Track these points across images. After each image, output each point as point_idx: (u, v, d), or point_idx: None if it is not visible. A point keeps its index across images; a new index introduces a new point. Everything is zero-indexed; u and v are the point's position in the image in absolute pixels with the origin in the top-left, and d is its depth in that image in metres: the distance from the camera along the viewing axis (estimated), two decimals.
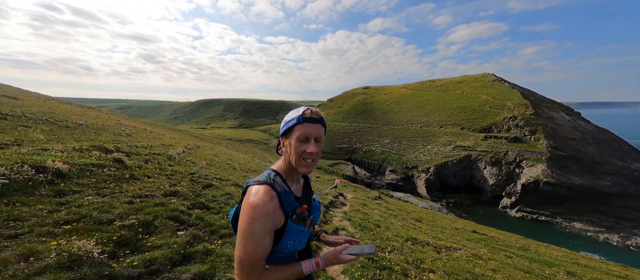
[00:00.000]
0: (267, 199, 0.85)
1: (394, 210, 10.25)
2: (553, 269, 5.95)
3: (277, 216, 0.88)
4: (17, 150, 4.30)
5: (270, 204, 0.86)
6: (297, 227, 0.94)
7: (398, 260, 3.92)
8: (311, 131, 0.91)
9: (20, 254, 1.73)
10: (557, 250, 9.94)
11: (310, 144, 0.91)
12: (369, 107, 64.47)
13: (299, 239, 0.98)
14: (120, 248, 2.14)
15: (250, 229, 0.82)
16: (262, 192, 0.87)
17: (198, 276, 1.99)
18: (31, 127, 7.37)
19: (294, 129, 0.92)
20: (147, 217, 2.83)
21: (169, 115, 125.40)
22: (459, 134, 40.41)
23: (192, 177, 5.43)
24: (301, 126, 0.91)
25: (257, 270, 0.84)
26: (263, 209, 0.83)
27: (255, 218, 0.82)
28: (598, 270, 7.23)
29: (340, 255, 0.97)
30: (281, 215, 0.90)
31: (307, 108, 0.94)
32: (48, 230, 2.15)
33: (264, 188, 0.88)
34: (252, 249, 0.82)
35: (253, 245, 0.82)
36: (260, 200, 0.84)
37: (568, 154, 30.01)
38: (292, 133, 0.92)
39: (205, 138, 32.72)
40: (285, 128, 0.95)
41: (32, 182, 3.06)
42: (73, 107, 20.41)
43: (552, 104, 45.48)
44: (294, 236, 0.94)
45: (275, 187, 0.91)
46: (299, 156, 0.91)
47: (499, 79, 56.05)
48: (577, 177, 27.24)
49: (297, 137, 0.91)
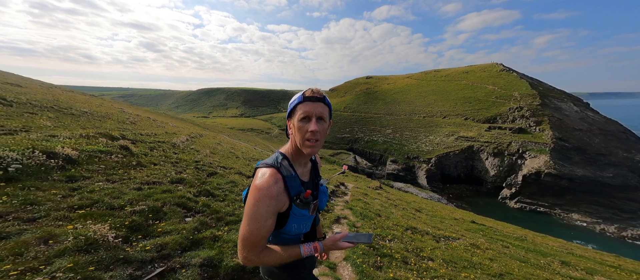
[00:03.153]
0: (272, 182, 0.88)
1: (394, 200, 10.41)
2: (548, 259, 6.12)
3: (281, 199, 0.90)
4: (26, 136, 4.39)
5: (275, 187, 0.88)
6: (301, 211, 0.96)
7: (398, 249, 4.04)
8: (312, 109, 0.91)
9: (40, 236, 1.82)
10: (553, 241, 10.14)
11: (311, 123, 0.91)
12: (371, 97, 63.74)
13: (303, 223, 1.01)
14: (132, 233, 2.23)
15: (255, 209, 0.86)
16: (267, 175, 0.89)
17: (207, 261, 2.08)
18: (37, 114, 7.45)
19: (296, 109, 0.93)
20: (156, 204, 2.91)
21: (170, 103, 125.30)
22: (463, 124, 40.08)
23: (196, 165, 5.52)
24: (302, 105, 0.92)
25: (258, 248, 0.89)
26: (267, 192, 0.87)
27: (259, 199, 0.86)
28: (592, 260, 7.41)
29: (338, 242, 1.02)
30: (285, 199, 0.92)
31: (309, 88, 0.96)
32: (63, 215, 2.24)
33: (270, 171, 0.91)
34: (254, 229, 0.86)
35: (256, 225, 0.86)
36: (265, 183, 0.87)
37: (572, 145, 29.77)
38: (295, 113, 0.93)
39: (208, 127, 32.86)
40: (289, 109, 0.97)
41: (44, 167, 3.15)
42: (76, 95, 20.46)
43: (560, 95, 44.60)
44: (298, 219, 0.98)
45: (282, 170, 0.93)
46: (302, 136, 0.92)
47: (507, 68, 54.71)
48: (580, 168, 27.18)
49: (298, 116, 0.92)
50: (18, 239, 1.75)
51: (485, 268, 4.12)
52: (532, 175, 27.02)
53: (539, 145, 29.86)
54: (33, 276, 1.49)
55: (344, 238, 1.03)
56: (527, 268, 4.83)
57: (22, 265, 1.54)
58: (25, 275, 1.49)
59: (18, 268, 1.52)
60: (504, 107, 39.68)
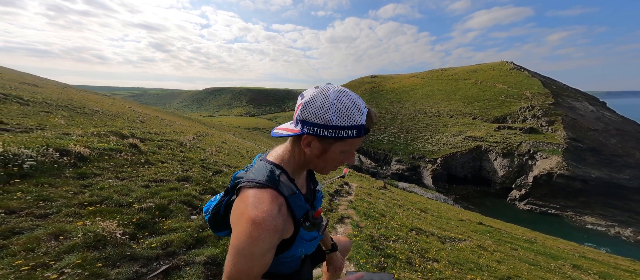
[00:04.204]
0: (275, 210, 0.63)
1: (398, 200, 10.31)
2: (559, 262, 5.94)
3: (286, 228, 0.69)
4: (41, 134, 4.55)
5: (279, 218, 0.64)
6: (310, 234, 0.77)
7: (402, 249, 4.00)
8: (359, 142, 0.71)
9: (51, 232, 1.88)
10: (565, 244, 9.85)
11: (351, 156, 0.73)
12: (376, 96, 63.30)
13: (311, 245, 0.82)
14: (139, 230, 2.28)
15: (250, 249, 0.61)
16: (267, 202, 0.63)
17: (211, 259, 2.11)
18: (52, 113, 7.71)
19: (347, 141, 0.67)
20: (163, 201, 2.97)
21: (178, 103, 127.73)
22: (470, 124, 39.37)
23: (202, 164, 5.60)
24: (358, 140, 0.68)
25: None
26: (271, 225, 0.61)
27: (258, 238, 0.60)
28: (605, 264, 7.16)
29: None
30: (290, 225, 0.71)
31: (369, 108, 0.70)
32: (74, 211, 2.31)
33: (268, 195, 0.65)
34: (247, 268, 0.61)
35: (249, 265, 0.61)
36: (267, 215, 0.62)
37: (587, 146, 28.85)
38: (340, 142, 0.68)
39: (214, 126, 33.33)
40: (332, 134, 0.65)
41: (57, 164, 3.25)
42: (89, 95, 21.10)
43: (575, 94, 43.21)
44: (305, 244, 0.77)
45: (282, 190, 0.69)
46: (333, 166, 0.73)
47: (517, 67, 53.36)
48: (595, 169, 26.31)
49: (343, 148, 0.69)
50: (30, 235, 1.82)
51: (492, 270, 4.03)
52: (544, 176, 26.32)
53: (551, 145, 29.05)
54: (43, 271, 1.53)
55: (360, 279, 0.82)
56: (537, 271, 4.71)
57: (33, 261, 1.59)
58: (36, 271, 1.53)
59: (29, 263, 1.57)
60: (514, 106, 38.76)
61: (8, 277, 1.43)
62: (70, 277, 1.53)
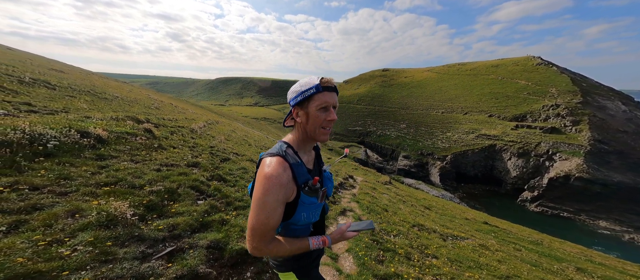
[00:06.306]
0: (281, 170, 0.86)
1: (403, 196, 10.28)
2: (563, 264, 5.81)
3: (289, 188, 0.89)
4: (65, 117, 4.82)
5: (284, 175, 0.86)
6: (310, 198, 0.94)
7: (402, 244, 4.04)
8: (331, 99, 0.92)
9: (68, 210, 2.04)
10: (572, 247, 9.58)
11: (330, 112, 0.93)
12: (387, 90, 61.82)
13: (313, 211, 0.99)
14: (148, 212, 2.42)
15: (264, 199, 0.84)
16: (275, 164, 0.87)
17: (214, 243, 2.22)
18: (76, 97, 8.12)
19: (312, 98, 0.91)
20: (172, 185, 3.11)
21: (192, 91, 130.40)
22: (486, 121, 37.90)
23: (211, 151, 5.76)
24: (321, 95, 0.91)
25: (267, 238, 0.88)
26: (276, 180, 0.84)
27: (268, 188, 0.84)
28: (612, 268, 6.93)
29: (345, 233, 1.04)
30: (294, 187, 0.90)
31: (321, 77, 0.94)
32: (91, 190, 2.47)
33: (277, 159, 0.88)
34: (264, 219, 0.84)
35: (265, 215, 0.84)
36: (274, 172, 0.85)
37: (613, 149, 27.16)
38: (311, 102, 0.92)
39: (224, 114, 33.92)
40: (300, 97, 0.93)
41: (78, 145, 3.46)
42: (110, 81, 21.93)
43: (607, 92, 40.01)
44: (307, 208, 0.95)
45: (288, 158, 0.91)
46: (319, 124, 0.93)
47: (545, 62, 49.99)
48: (618, 173, 24.87)
49: (316, 105, 0.91)
50: (50, 211, 1.97)
51: (491, 269, 4.01)
52: (560, 178, 25.23)
53: (573, 147, 27.59)
54: (58, 247, 1.66)
55: (349, 228, 1.05)
56: (538, 272, 4.64)
57: (50, 236, 1.73)
58: (52, 246, 1.66)
59: (46, 239, 1.70)
60: (537, 104, 36.73)
61: (26, 250, 1.56)
62: (82, 254, 1.65)
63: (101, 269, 1.59)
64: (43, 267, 1.45)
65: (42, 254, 1.57)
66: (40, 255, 1.54)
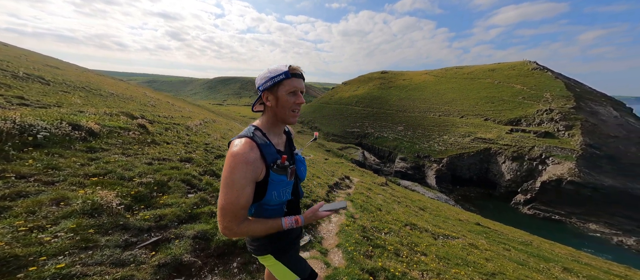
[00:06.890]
0: (247, 148, 0.89)
1: (398, 197, 10.34)
2: (550, 264, 5.91)
3: (257, 166, 0.91)
4: (57, 110, 4.79)
5: (251, 154, 0.89)
6: (279, 176, 0.97)
7: (393, 241, 4.07)
8: (298, 85, 0.99)
9: (53, 198, 2.04)
10: (561, 248, 9.72)
11: (299, 96, 0.99)
12: (385, 92, 62.11)
13: (283, 189, 1.00)
14: (136, 202, 2.42)
15: (232, 177, 0.86)
16: (242, 144, 0.90)
17: (200, 234, 2.23)
18: (70, 93, 8.06)
19: (282, 83, 0.96)
20: (163, 178, 3.11)
21: (189, 90, 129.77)
22: (482, 125, 38.31)
23: (206, 147, 5.76)
24: (291, 81, 0.97)
25: (238, 219, 0.89)
26: (243, 158, 0.87)
27: (235, 166, 0.86)
28: (597, 268, 7.06)
29: (317, 212, 1.05)
30: (262, 166, 0.93)
31: (289, 64, 0.98)
32: (79, 181, 2.47)
33: (244, 140, 0.92)
34: (233, 198, 0.85)
35: (234, 194, 0.85)
36: (240, 150, 0.88)
37: (604, 153, 27.70)
38: (280, 87, 0.97)
39: (222, 113, 33.80)
40: (270, 83, 0.97)
41: (68, 137, 3.45)
42: (106, 79, 21.76)
43: (600, 98, 40.97)
44: (277, 186, 0.97)
45: (255, 139, 0.94)
46: (289, 107, 0.98)
47: (540, 67, 50.75)
48: (609, 178, 25.35)
49: (286, 90, 0.97)
50: (34, 199, 1.97)
51: (478, 267, 4.07)
52: (552, 182, 25.58)
53: (565, 151, 28.05)
54: (38, 233, 1.66)
55: (322, 207, 1.06)
56: (524, 270, 4.71)
57: (32, 223, 1.72)
58: (33, 232, 1.66)
59: (28, 225, 1.69)
60: (532, 108, 37.29)
61: (5, 236, 1.55)
62: (62, 240, 1.65)
63: (80, 255, 1.59)
64: (20, 251, 1.46)
65: (21, 239, 1.56)
66: (19, 241, 1.54)
